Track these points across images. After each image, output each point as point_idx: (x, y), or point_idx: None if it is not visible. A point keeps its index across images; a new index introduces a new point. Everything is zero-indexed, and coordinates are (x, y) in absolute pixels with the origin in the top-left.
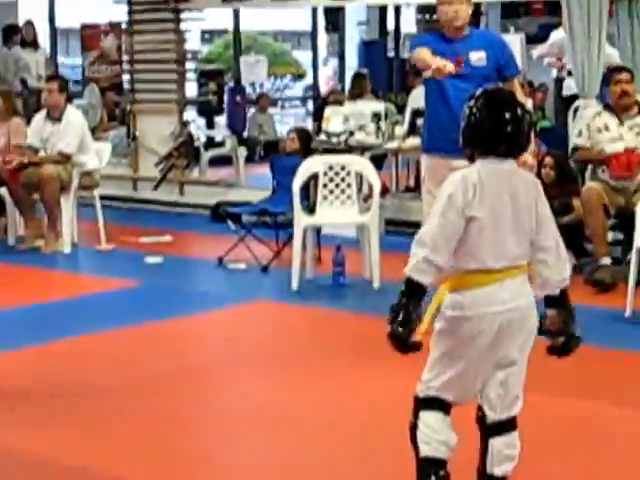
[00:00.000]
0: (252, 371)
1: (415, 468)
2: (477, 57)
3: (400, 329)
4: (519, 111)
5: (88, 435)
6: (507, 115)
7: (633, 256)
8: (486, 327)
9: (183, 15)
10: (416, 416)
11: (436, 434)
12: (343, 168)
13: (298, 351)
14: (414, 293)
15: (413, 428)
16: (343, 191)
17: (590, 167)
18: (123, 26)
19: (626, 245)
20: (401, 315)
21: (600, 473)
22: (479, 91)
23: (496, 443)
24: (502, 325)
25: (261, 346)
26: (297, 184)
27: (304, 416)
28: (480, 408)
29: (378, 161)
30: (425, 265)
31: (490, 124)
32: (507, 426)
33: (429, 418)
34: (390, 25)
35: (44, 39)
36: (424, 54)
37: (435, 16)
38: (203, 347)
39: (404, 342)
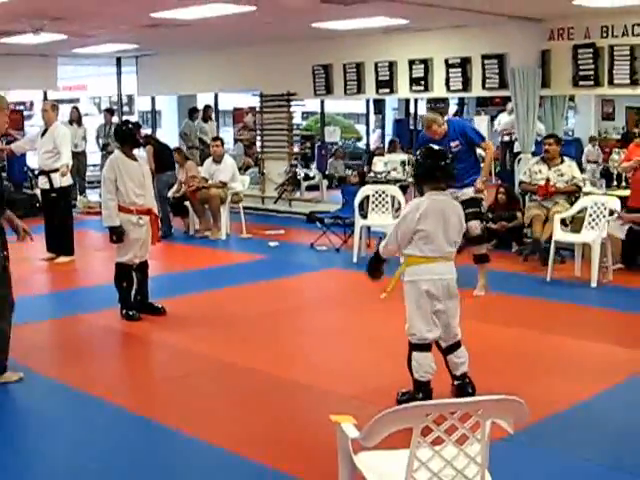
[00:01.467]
0: (329, 307)
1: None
2: (454, 144)
3: (371, 273)
4: (448, 159)
5: (232, 342)
6: (442, 162)
7: (552, 244)
8: (429, 286)
9: (292, 103)
10: (410, 354)
11: (422, 367)
12: (384, 192)
13: (355, 296)
14: (379, 261)
15: (409, 361)
16: (383, 205)
17: (529, 195)
18: (257, 109)
19: (548, 238)
20: (372, 268)
21: (521, 374)
22: (421, 149)
23: (450, 358)
24: (438, 287)
25: (335, 294)
26: (357, 201)
27: (356, 333)
28: (437, 341)
29: (404, 188)
30: (386, 250)
31: (432, 168)
32: (454, 347)
33: (417, 357)
34: (411, 109)
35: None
36: None
37: (437, 104)
38: (301, 294)
39: (372, 277)
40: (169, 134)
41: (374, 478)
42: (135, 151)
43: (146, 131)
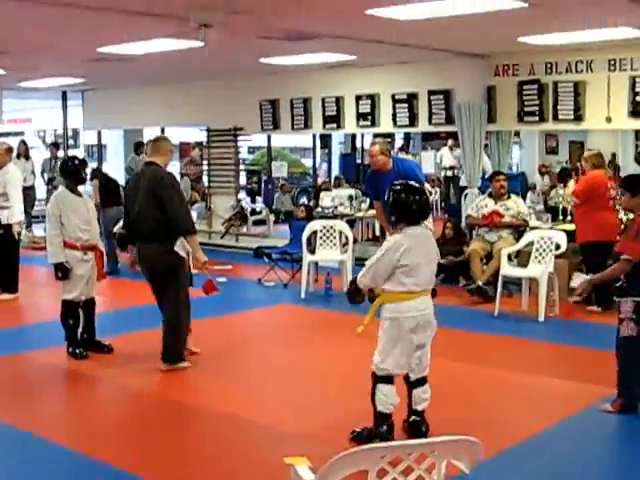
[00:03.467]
0: (277, 343)
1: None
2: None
3: (353, 299)
4: (424, 195)
5: (179, 380)
6: (417, 197)
7: (499, 279)
8: (411, 324)
9: (239, 138)
10: (374, 386)
11: (387, 399)
12: (331, 227)
13: (304, 332)
14: (358, 291)
15: (373, 394)
16: (331, 241)
17: (475, 229)
18: (204, 143)
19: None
20: (352, 296)
21: (468, 409)
22: (396, 185)
23: (416, 392)
24: (419, 323)
25: (283, 328)
26: (305, 236)
27: (305, 368)
28: (405, 374)
29: (351, 223)
30: (365, 281)
31: (409, 204)
32: (421, 382)
33: (383, 389)
34: (358, 144)
35: None
36: (383, 223)
37: (384, 139)
38: (249, 330)
39: (353, 302)
40: (115, 168)
41: None
42: (81, 187)
43: (92, 165)
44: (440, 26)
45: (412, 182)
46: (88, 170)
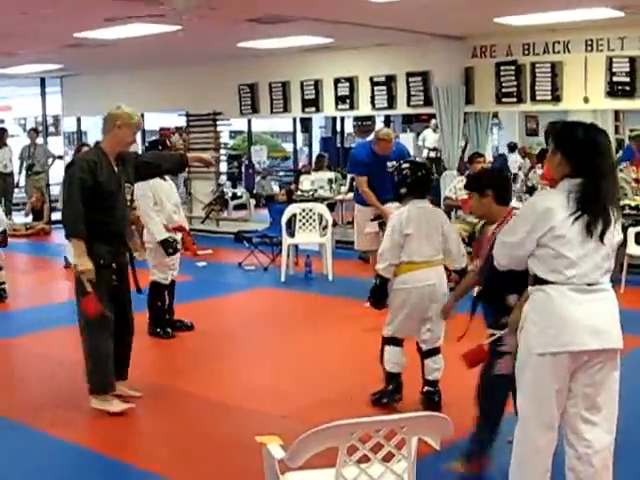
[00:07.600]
0: (257, 327)
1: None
2: (391, 164)
3: (378, 302)
4: (427, 171)
5: (158, 363)
6: (423, 172)
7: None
8: (413, 294)
9: (218, 122)
10: (383, 347)
11: (393, 358)
12: (311, 210)
13: (283, 315)
14: (384, 283)
15: (381, 355)
16: (311, 224)
17: (455, 211)
18: (184, 128)
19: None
20: (378, 294)
21: None
22: (402, 162)
23: (427, 362)
24: (423, 293)
25: (262, 312)
26: (284, 219)
27: (284, 351)
28: (418, 343)
29: (331, 206)
30: (389, 268)
31: (415, 178)
32: (433, 352)
33: (389, 349)
34: (338, 128)
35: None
36: (371, 197)
37: (364, 122)
38: (229, 314)
39: (381, 306)
40: None
41: None
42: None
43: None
44: (415, 7)
45: (418, 159)
46: None
